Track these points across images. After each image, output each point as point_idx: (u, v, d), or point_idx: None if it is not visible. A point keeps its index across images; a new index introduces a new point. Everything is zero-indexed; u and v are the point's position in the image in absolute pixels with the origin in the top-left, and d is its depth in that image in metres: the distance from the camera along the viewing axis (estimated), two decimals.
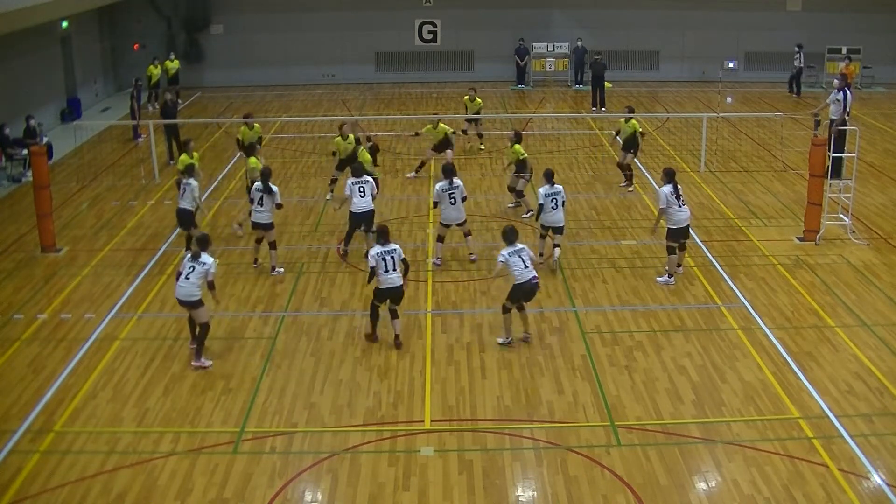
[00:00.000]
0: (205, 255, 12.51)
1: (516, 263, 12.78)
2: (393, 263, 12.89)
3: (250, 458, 10.52)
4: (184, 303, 12.54)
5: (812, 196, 16.87)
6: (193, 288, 12.40)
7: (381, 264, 12.85)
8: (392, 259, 12.88)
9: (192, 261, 12.51)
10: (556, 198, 15.50)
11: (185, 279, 12.45)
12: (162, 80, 29.92)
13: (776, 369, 12.39)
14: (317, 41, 33.66)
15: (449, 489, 9.90)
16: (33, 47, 25.33)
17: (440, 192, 15.67)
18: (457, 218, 15.85)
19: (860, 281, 15.28)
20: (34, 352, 13.13)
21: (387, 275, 12.89)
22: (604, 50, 30.69)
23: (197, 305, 12.49)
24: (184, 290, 12.43)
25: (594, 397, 11.74)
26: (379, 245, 12.96)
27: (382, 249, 12.90)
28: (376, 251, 12.90)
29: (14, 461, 10.47)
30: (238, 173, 21.99)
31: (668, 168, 15.26)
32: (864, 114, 27.60)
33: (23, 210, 18.69)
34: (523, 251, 12.89)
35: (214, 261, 12.60)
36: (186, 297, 12.44)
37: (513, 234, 13.02)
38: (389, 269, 12.88)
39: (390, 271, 12.89)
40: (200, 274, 12.41)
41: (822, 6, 32.99)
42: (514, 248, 12.86)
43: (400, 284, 13.02)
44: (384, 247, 12.91)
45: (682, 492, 9.83)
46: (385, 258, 12.87)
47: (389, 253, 12.90)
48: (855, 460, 10.32)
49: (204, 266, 12.42)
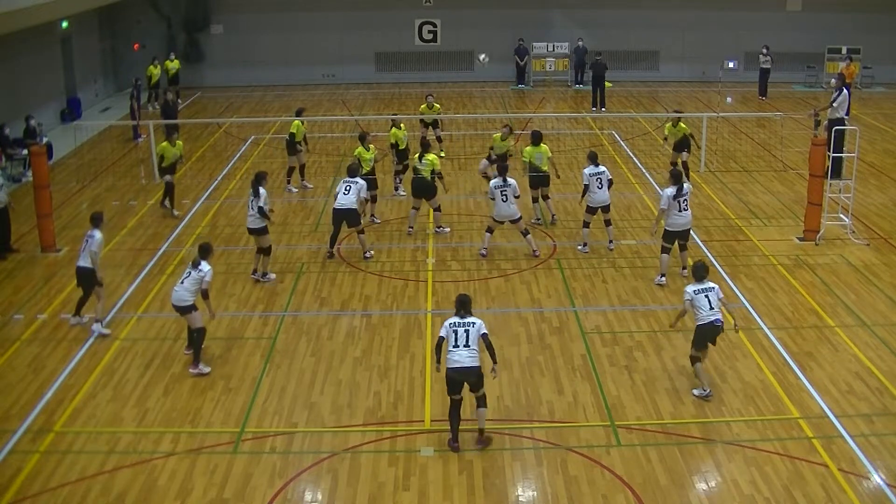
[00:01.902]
0: (203, 264, 12.44)
1: (702, 303, 11.49)
2: (466, 339, 10.41)
3: (250, 458, 10.52)
4: (176, 308, 12.53)
5: (812, 196, 16.87)
6: (185, 293, 12.36)
7: (452, 337, 10.47)
8: (466, 333, 10.45)
9: (191, 267, 12.49)
10: (600, 177, 16.06)
11: (179, 284, 12.48)
12: (162, 80, 29.93)
13: (776, 369, 12.39)
14: (317, 41, 33.66)
15: (449, 489, 9.91)
16: (33, 47, 25.33)
17: (493, 188, 15.92)
18: (509, 215, 15.96)
19: (860, 281, 15.28)
20: (34, 352, 13.13)
21: (455, 351, 10.40)
22: (604, 50, 30.68)
23: (188, 311, 12.43)
24: (176, 294, 12.45)
25: (594, 397, 11.74)
26: (457, 316, 10.67)
27: (458, 321, 10.59)
28: (450, 322, 10.62)
29: (14, 461, 10.47)
30: (238, 173, 22.01)
31: (674, 170, 15.32)
32: (864, 114, 27.59)
33: (23, 210, 18.66)
34: (712, 291, 11.56)
35: (210, 269, 12.48)
36: (177, 302, 12.44)
37: (703, 270, 11.73)
38: (460, 344, 10.41)
39: (460, 347, 10.40)
40: (195, 280, 12.35)
41: (822, 6, 32.98)
42: (703, 287, 11.62)
43: (470, 366, 10.35)
44: (462, 318, 10.59)
45: (682, 492, 9.83)
46: (457, 330, 10.50)
47: (464, 325, 10.52)
48: (855, 460, 10.32)
49: (200, 273, 12.36)
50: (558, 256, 16.42)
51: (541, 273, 15.73)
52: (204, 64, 33.68)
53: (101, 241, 13.82)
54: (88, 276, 13.69)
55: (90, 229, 13.90)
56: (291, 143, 20.20)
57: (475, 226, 17.88)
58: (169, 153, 18.66)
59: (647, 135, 25.66)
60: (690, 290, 11.60)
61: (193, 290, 12.37)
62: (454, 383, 10.45)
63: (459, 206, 18.94)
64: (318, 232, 17.89)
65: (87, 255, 13.61)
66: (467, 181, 21.02)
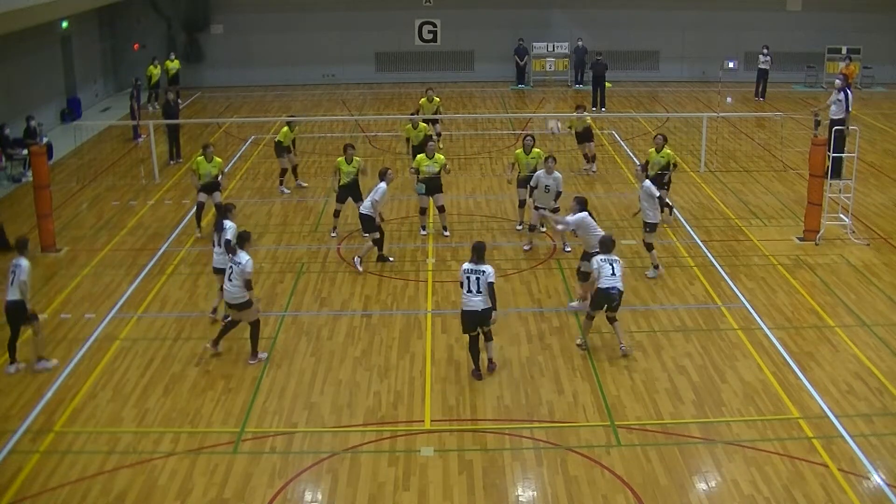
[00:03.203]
0: (241, 254, 12.37)
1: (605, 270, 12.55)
2: (477, 285, 11.77)
3: (250, 458, 10.52)
4: (232, 306, 12.50)
5: (812, 196, 16.87)
6: (237, 290, 12.34)
7: (465, 283, 11.86)
8: (478, 280, 11.77)
9: (231, 259, 12.40)
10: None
11: (228, 281, 12.40)
12: (162, 80, 29.94)
13: (776, 369, 12.39)
14: (317, 41, 33.66)
15: (449, 489, 9.91)
16: (33, 47, 25.33)
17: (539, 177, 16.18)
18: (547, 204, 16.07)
19: (860, 281, 15.28)
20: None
21: (469, 296, 11.85)
22: (604, 50, 30.67)
23: (244, 307, 12.41)
24: (229, 293, 12.41)
25: (594, 397, 11.74)
26: (470, 262, 11.97)
27: (471, 267, 11.89)
28: (466, 267, 11.96)
29: (14, 461, 10.47)
30: (238, 173, 22.01)
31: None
32: (864, 114, 27.58)
33: (23, 210, 18.69)
34: (616, 262, 12.67)
35: (249, 259, 12.36)
36: (232, 300, 12.40)
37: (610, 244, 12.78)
38: (473, 290, 11.80)
39: (473, 292, 11.80)
40: (238, 274, 12.30)
41: (822, 6, 32.99)
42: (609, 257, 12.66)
43: (482, 309, 11.82)
44: (474, 265, 11.88)
45: (682, 492, 9.83)
46: (470, 277, 11.84)
47: (476, 273, 11.83)
48: (855, 460, 10.32)
49: (239, 266, 12.30)
50: (558, 256, 16.41)
51: (541, 273, 15.73)
52: (204, 64, 33.68)
53: (28, 269, 12.36)
54: (19, 311, 12.32)
55: (16, 257, 12.48)
56: (279, 148, 20.17)
57: (475, 226, 17.88)
58: (203, 168, 17.23)
59: (647, 135, 25.64)
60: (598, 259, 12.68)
61: (241, 284, 12.29)
62: (469, 323, 12.00)
63: (459, 207, 18.94)
64: (317, 232, 17.89)
65: (17, 287, 12.23)
66: (467, 181, 21.03)
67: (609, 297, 12.56)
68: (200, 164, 17.30)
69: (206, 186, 17.36)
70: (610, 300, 12.59)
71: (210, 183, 17.34)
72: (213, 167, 17.32)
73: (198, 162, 17.36)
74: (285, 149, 20.12)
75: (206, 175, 17.29)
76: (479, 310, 11.83)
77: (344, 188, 17.22)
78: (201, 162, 17.30)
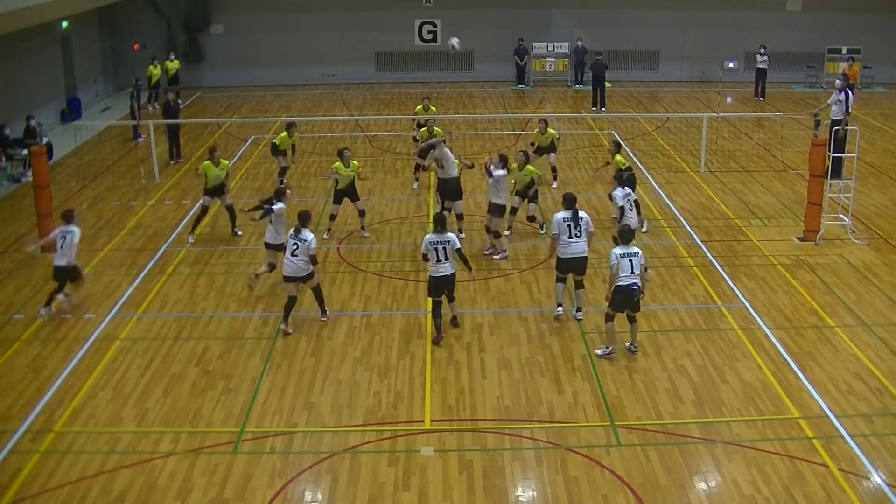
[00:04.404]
0: (305, 231, 13.28)
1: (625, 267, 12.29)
2: (445, 254, 13.00)
3: (250, 458, 10.52)
4: (294, 279, 13.38)
5: (812, 196, 16.87)
6: (302, 264, 13.27)
7: (433, 254, 13.03)
8: (444, 249, 12.99)
9: (294, 237, 13.25)
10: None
11: (291, 255, 13.26)
12: (162, 80, 29.94)
13: (776, 369, 12.38)
14: (317, 41, 33.67)
15: (449, 489, 9.90)
16: (33, 47, 25.34)
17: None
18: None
19: (860, 281, 15.28)
20: (34, 352, 13.12)
21: (438, 265, 13.04)
22: (604, 50, 30.68)
23: (308, 278, 13.49)
24: (294, 266, 13.27)
25: (594, 397, 11.74)
26: (434, 234, 13.11)
27: (436, 239, 13.04)
28: (430, 239, 13.09)
29: (14, 461, 10.47)
30: (238, 173, 22.00)
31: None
32: (864, 114, 27.59)
33: (23, 210, 18.69)
34: (635, 256, 12.37)
35: (314, 237, 13.35)
36: (296, 273, 13.32)
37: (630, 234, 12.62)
38: (442, 259, 13.03)
39: (442, 261, 13.03)
40: (304, 250, 13.19)
41: (822, 6, 33.00)
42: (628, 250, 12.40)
43: (451, 274, 13.12)
44: (438, 236, 13.04)
45: (682, 492, 9.83)
46: (437, 248, 13.02)
47: (443, 243, 13.02)
48: (855, 460, 10.32)
49: (305, 242, 13.19)
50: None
51: (541, 273, 15.73)
52: (204, 64, 33.69)
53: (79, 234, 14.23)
54: (70, 272, 14.20)
55: (63, 225, 14.22)
56: (274, 150, 20.10)
57: (475, 226, 17.86)
58: (211, 173, 17.19)
59: (647, 135, 25.67)
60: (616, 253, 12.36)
61: (307, 258, 13.25)
62: (436, 289, 13.17)
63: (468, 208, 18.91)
64: (317, 232, 17.79)
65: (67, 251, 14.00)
66: (467, 181, 20.97)
67: (629, 293, 12.31)
68: (209, 169, 17.20)
69: (213, 190, 17.33)
70: (628, 297, 12.35)
71: (218, 186, 17.33)
72: (220, 170, 17.30)
73: (206, 167, 17.28)
74: (281, 152, 20.03)
75: (213, 179, 17.26)
76: (448, 275, 13.07)
77: (341, 191, 17.20)
78: (209, 167, 17.22)
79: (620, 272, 12.26)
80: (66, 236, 14.04)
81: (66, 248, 13.99)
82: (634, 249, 12.42)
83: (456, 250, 13.05)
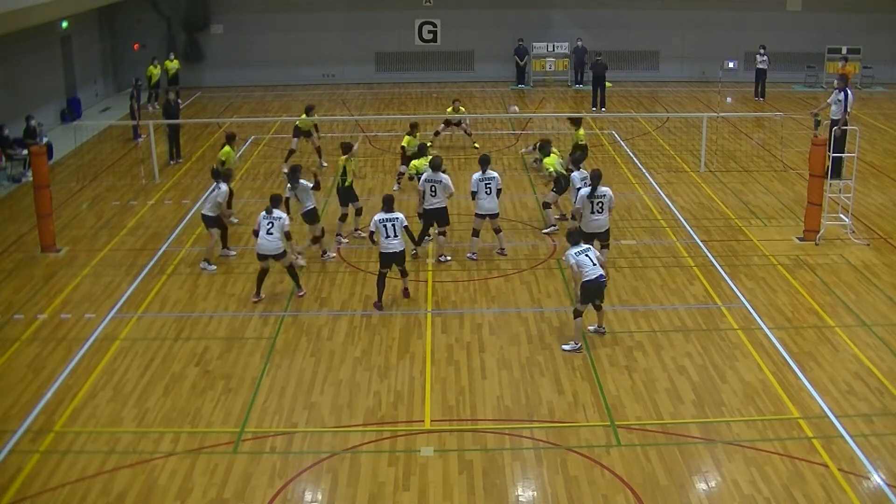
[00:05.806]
0: (276, 211, 14.30)
1: (584, 263, 12.66)
2: (394, 230, 13.95)
3: (250, 458, 10.52)
4: (269, 256, 14.33)
5: (812, 196, 16.87)
6: (277, 241, 14.25)
7: (382, 230, 13.94)
8: (394, 226, 13.96)
9: (268, 217, 14.22)
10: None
11: (267, 234, 14.21)
12: (162, 80, 29.94)
13: (776, 369, 12.39)
14: (317, 41, 33.67)
15: (449, 489, 9.91)
16: (33, 47, 25.34)
17: (476, 181, 16.07)
18: (489, 209, 16.02)
19: (860, 281, 15.28)
20: (34, 352, 13.13)
21: (388, 241, 13.96)
22: (604, 50, 30.69)
23: (282, 255, 14.39)
24: (270, 244, 14.23)
25: (594, 397, 11.74)
26: (382, 212, 14.04)
27: (385, 217, 13.98)
28: (378, 217, 14.00)
29: (14, 461, 10.47)
30: (238, 173, 21.98)
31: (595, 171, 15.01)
32: (864, 114, 27.59)
33: (23, 210, 18.69)
34: (590, 250, 12.84)
35: (286, 215, 14.48)
36: (272, 251, 14.27)
37: (577, 235, 13.10)
38: (391, 235, 13.93)
39: (391, 237, 13.94)
40: (279, 227, 14.21)
41: (822, 6, 32.99)
42: (581, 248, 12.79)
43: (401, 250, 14.07)
44: (387, 214, 14.00)
45: (682, 492, 9.83)
46: (386, 225, 13.95)
47: (391, 220, 13.97)
48: (855, 460, 10.32)
49: (280, 220, 14.25)
50: (558, 256, 16.41)
51: (541, 273, 15.73)
52: (204, 64, 33.68)
53: (226, 192, 15.96)
54: (210, 220, 15.91)
55: (215, 184, 16.01)
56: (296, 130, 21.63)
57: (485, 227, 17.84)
58: (232, 158, 18.36)
59: (647, 135, 25.67)
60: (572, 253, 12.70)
61: (281, 236, 14.24)
62: (387, 262, 14.15)
63: (459, 206, 18.90)
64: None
65: (212, 202, 15.77)
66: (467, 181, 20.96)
67: (598, 286, 12.72)
68: (229, 155, 18.23)
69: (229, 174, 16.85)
70: (599, 289, 12.78)
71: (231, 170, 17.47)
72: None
73: (226, 152, 18.23)
74: (305, 132, 21.37)
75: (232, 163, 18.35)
76: (398, 251, 14.06)
77: (346, 192, 17.17)
78: (228, 152, 18.26)
79: (584, 269, 12.59)
80: (214, 190, 15.82)
81: (212, 199, 15.76)
82: (584, 246, 12.85)
83: (403, 227, 14.03)
